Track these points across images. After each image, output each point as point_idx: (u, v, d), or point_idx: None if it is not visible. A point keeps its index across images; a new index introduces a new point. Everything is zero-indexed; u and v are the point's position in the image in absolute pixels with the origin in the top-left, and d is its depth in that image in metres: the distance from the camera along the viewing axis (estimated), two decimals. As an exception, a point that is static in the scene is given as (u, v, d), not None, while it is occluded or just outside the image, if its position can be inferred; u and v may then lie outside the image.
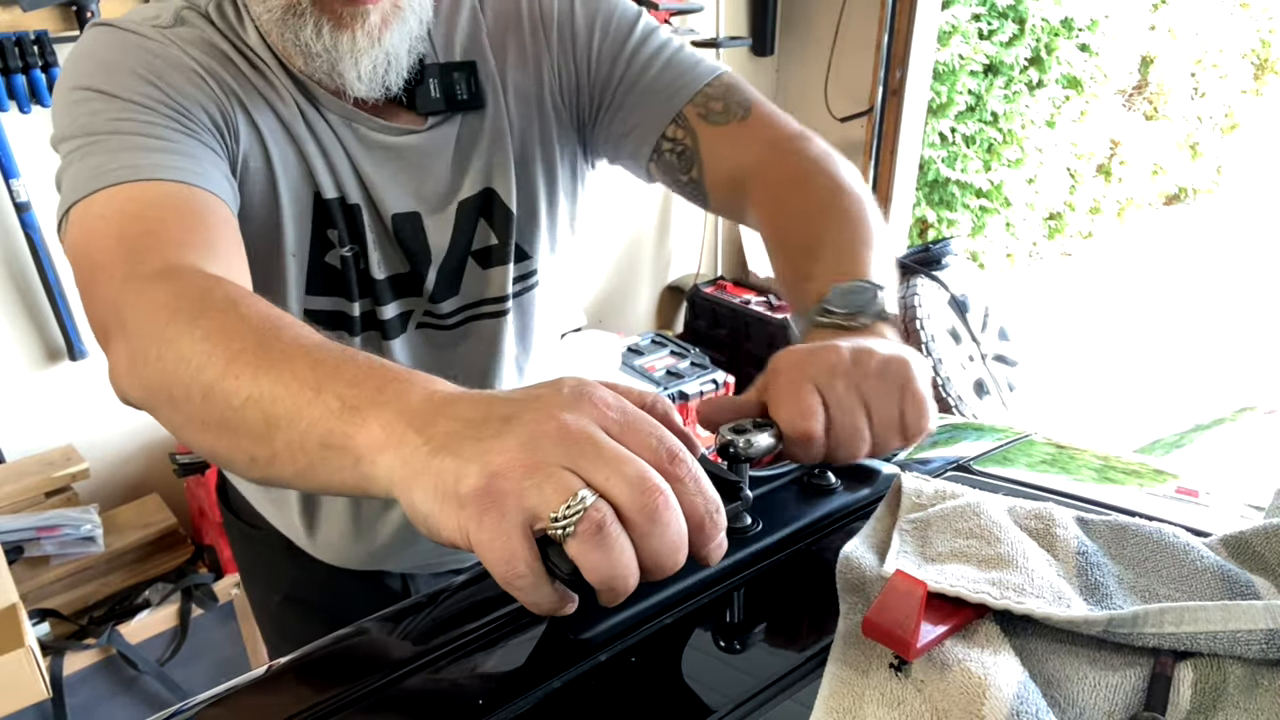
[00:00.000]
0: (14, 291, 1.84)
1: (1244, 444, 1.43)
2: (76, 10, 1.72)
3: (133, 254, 0.57)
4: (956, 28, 3.85)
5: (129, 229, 0.59)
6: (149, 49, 0.68)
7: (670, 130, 0.79)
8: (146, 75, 0.66)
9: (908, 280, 3.11)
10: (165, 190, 0.61)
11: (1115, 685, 0.41)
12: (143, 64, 0.66)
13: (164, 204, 0.61)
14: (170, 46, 0.69)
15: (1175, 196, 5.85)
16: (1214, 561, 0.47)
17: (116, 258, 0.57)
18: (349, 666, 0.51)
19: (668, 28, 0.83)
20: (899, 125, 2.94)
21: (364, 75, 0.71)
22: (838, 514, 0.58)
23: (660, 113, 0.80)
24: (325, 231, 0.77)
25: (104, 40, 0.68)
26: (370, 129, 0.77)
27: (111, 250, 0.58)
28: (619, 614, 0.48)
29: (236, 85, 0.71)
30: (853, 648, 0.44)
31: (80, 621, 1.76)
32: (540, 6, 0.82)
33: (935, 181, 4.13)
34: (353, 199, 0.77)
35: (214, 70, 0.70)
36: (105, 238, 0.59)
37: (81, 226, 0.61)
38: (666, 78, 0.80)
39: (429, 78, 0.77)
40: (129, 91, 0.65)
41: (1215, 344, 3.95)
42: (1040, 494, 0.59)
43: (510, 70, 0.81)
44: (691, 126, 0.79)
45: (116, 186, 0.61)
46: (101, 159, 0.62)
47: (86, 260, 0.60)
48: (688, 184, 0.81)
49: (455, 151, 0.80)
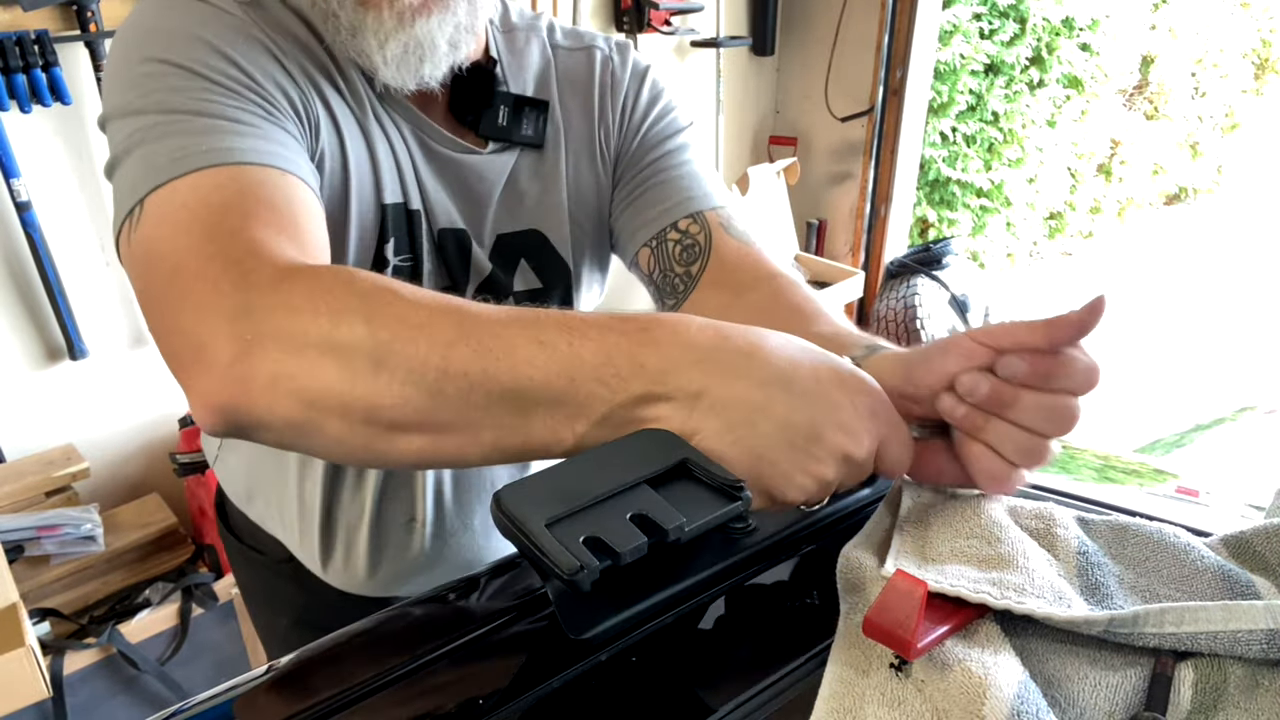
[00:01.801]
0: (14, 291, 1.84)
1: (1244, 444, 1.43)
2: (77, 10, 1.72)
3: (240, 248, 0.50)
4: (957, 27, 3.85)
5: (221, 224, 0.52)
6: (227, 23, 0.62)
7: (684, 223, 0.81)
8: (227, 52, 0.60)
9: (908, 280, 3.11)
10: (257, 177, 0.55)
11: (1116, 685, 0.41)
12: (223, 39, 0.61)
13: (255, 193, 0.54)
14: (250, 25, 0.64)
15: (1175, 196, 5.85)
16: (1214, 561, 0.47)
17: (216, 256, 0.50)
18: (349, 666, 0.51)
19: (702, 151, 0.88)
20: (899, 125, 2.94)
21: (390, 58, 0.67)
22: (837, 514, 0.58)
23: (681, 206, 0.81)
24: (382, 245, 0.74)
25: (177, 7, 0.62)
26: (433, 139, 0.76)
27: (208, 247, 0.51)
28: (619, 614, 0.48)
29: (316, 74, 0.68)
30: (853, 648, 0.44)
31: (80, 621, 1.76)
32: (612, 74, 0.85)
33: (936, 181, 4.13)
34: (414, 205, 0.75)
35: (294, 56, 0.66)
36: (194, 234, 0.52)
37: (160, 219, 0.53)
38: (691, 183, 0.82)
39: (500, 104, 0.77)
40: (208, 69, 0.59)
41: (1215, 344, 3.95)
42: (1040, 494, 0.59)
43: (575, 121, 0.83)
44: (710, 228, 0.80)
45: (201, 172, 0.54)
46: (181, 141, 0.55)
47: (166, 262, 0.52)
48: (679, 276, 0.81)
49: (508, 183, 0.80)
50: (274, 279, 0.48)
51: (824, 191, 3.21)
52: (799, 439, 0.44)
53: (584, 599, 0.48)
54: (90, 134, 1.84)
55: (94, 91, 1.80)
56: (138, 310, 2.01)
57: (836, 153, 3.11)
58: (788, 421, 0.44)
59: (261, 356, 0.46)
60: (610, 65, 0.85)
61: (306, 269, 0.50)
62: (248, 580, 1.07)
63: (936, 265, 3.14)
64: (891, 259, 3.19)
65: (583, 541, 0.47)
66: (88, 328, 1.92)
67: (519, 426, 0.45)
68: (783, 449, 0.44)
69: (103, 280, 1.95)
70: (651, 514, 0.50)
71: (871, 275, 3.20)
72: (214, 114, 0.57)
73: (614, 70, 0.85)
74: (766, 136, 3.24)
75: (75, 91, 1.77)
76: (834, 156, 3.13)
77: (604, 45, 0.86)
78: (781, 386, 0.44)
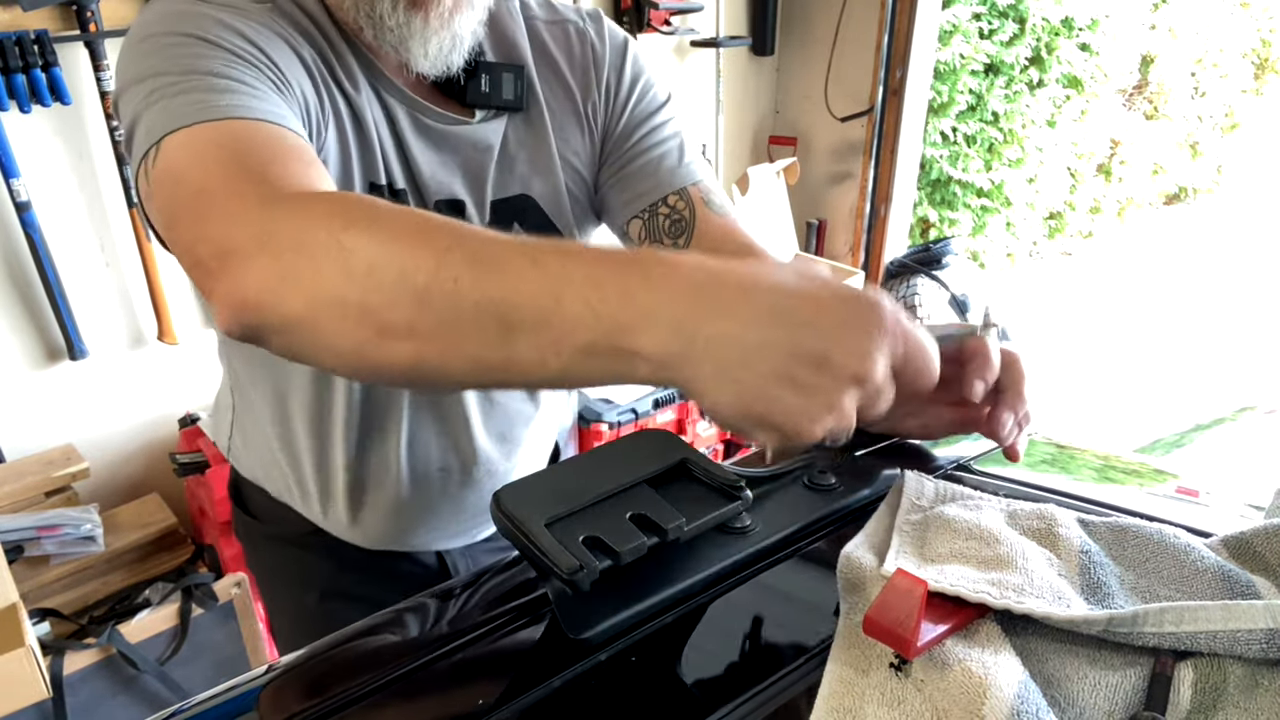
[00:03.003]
0: (14, 291, 1.84)
1: (1244, 444, 1.43)
2: (76, 10, 1.72)
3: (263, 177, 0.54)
4: (957, 27, 3.85)
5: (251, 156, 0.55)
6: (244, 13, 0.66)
7: (672, 199, 0.87)
8: (246, 32, 0.64)
9: (908, 279, 3.11)
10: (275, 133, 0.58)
11: (1115, 685, 0.41)
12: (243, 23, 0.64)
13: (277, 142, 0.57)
14: (266, 16, 0.67)
15: (1175, 196, 5.85)
16: (1214, 562, 0.47)
17: (242, 180, 0.53)
18: (349, 666, 0.51)
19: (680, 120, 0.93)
20: (899, 125, 2.94)
21: (430, 54, 0.74)
22: (838, 514, 0.58)
23: (667, 182, 0.87)
24: None
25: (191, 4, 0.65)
26: (425, 115, 0.79)
27: (233, 174, 0.54)
28: (619, 614, 0.48)
29: (322, 64, 0.72)
30: (853, 647, 0.44)
31: (80, 621, 1.76)
32: (594, 46, 0.87)
33: (937, 181, 4.13)
34: (399, 184, 0.79)
35: (302, 46, 0.70)
36: (221, 164, 0.55)
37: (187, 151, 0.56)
38: (677, 157, 0.88)
39: (481, 73, 0.80)
40: (228, 42, 0.62)
41: (1215, 344, 3.95)
42: (1040, 494, 0.59)
43: (558, 92, 0.86)
44: (693, 203, 0.86)
45: (222, 122, 0.57)
46: (203, 96, 0.58)
47: (193, 185, 0.54)
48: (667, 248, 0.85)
49: (501, 150, 0.83)
50: (295, 198, 0.52)
51: (824, 191, 3.21)
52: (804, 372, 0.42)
53: (584, 599, 0.48)
54: (90, 134, 1.84)
55: (94, 91, 1.80)
56: (138, 310, 2.01)
57: (836, 153, 3.11)
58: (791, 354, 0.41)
59: (277, 259, 0.49)
60: (588, 39, 0.87)
61: (325, 193, 0.53)
62: (271, 562, 1.06)
63: (936, 265, 3.14)
64: (891, 259, 3.19)
65: (582, 541, 0.47)
66: (87, 328, 1.92)
67: (502, 343, 0.45)
68: (787, 385, 0.42)
69: (103, 280, 1.95)
70: (651, 514, 0.50)
71: (871, 275, 3.20)
72: (233, 78, 0.60)
73: (593, 44, 0.87)
74: (766, 136, 3.23)
75: (75, 91, 1.77)
76: (834, 156, 3.13)
77: (578, 18, 0.88)
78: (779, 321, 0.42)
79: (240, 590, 1.83)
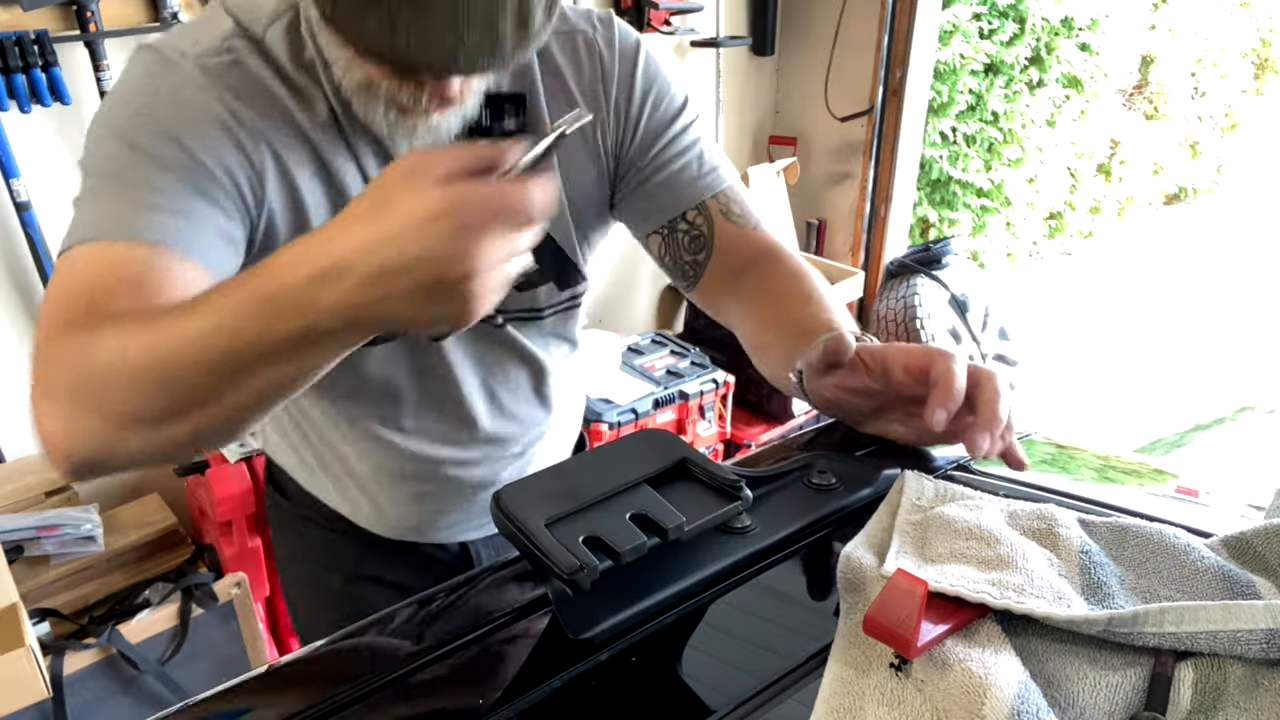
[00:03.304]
0: (14, 291, 1.84)
1: (1244, 444, 1.43)
2: (76, 10, 1.72)
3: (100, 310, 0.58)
4: (957, 27, 3.85)
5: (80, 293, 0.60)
6: (183, 97, 0.67)
7: (691, 215, 0.86)
8: (173, 131, 0.65)
9: (908, 280, 3.11)
10: (139, 255, 0.61)
11: (1116, 685, 0.41)
12: (172, 116, 0.66)
13: (126, 270, 0.61)
14: (209, 90, 0.68)
15: (1175, 196, 5.85)
16: (1215, 562, 0.47)
17: (57, 315, 0.59)
18: (348, 666, 0.51)
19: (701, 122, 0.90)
20: (899, 125, 2.94)
21: (414, 147, 0.74)
22: (838, 514, 0.58)
23: (686, 197, 0.86)
24: None
25: (148, 75, 0.68)
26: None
27: (58, 307, 0.60)
28: (619, 614, 0.48)
29: (273, 131, 0.71)
30: (853, 647, 0.44)
31: (80, 621, 1.76)
32: (603, 59, 0.84)
33: (937, 181, 4.13)
34: None
35: (249, 120, 0.69)
36: (63, 293, 0.61)
37: (57, 273, 0.63)
38: (696, 169, 0.86)
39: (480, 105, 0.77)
40: (152, 145, 0.65)
41: (1215, 344, 3.95)
42: (1040, 494, 0.59)
43: (563, 109, 0.83)
44: (711, 217, 0.85)
45: (96, 243, 0.62)
46: (100, 209, 0.63)
47: (43, 309, 0.61)
48: (689, 264, 0.87)
49: None
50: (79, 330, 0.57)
51: (824, 191, 3.21)
52: (429, 298, 0.48)
53: (584, 599, 0.48)
54: (90, 134, 1.84)
55: (94, 92, 1.80)
56: (138, 310, 2.01)
57: (836, 153, 3.11)
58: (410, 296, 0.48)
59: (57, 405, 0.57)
60: (597, 51, 0.84)
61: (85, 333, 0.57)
62: (299, 543, 1.08)
63: (936, 265, 3.14)
64: (891, 259, 3.19)
65: (583, 541, 0.47)
66: (88, 328, 1.92)
67: (245, 382, 0.52)
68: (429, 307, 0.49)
69: (103, 280, 1.95)
70: (651, 514, 0.50)
71: (871, 275, 3.20)
72: (134, 184, 0.64)
73: (602, 57, 0.84)
74: (766, 136, 3.24)
75: (75, 91, 1.77)
76: (834, 156, 3.13)
77: (588, 26, 0.84)
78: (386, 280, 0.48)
79: (240, 590, 1.83)
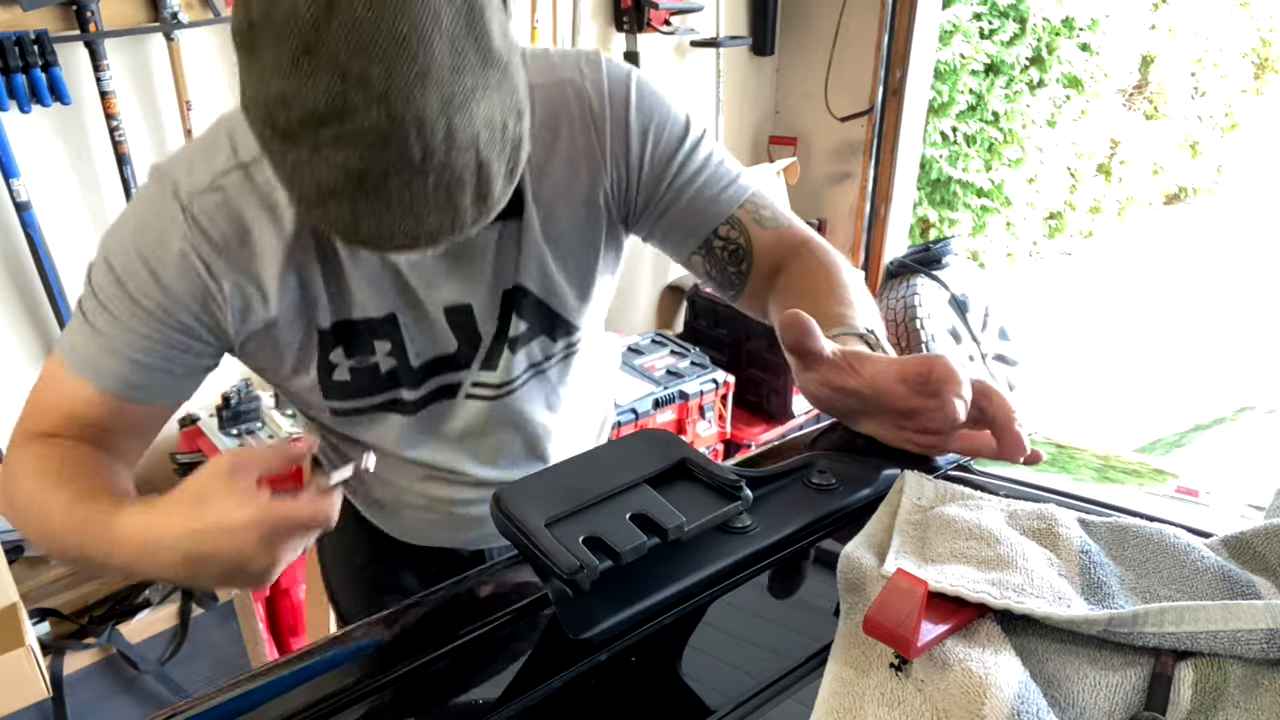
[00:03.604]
0: (14, 291, 1.84)
1: (1244, 444, 1.43)
2: (76, 10, 1.72)
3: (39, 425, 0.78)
4: (958, 27, 3.85)
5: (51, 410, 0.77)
6: (167, 244, 0.74)
7: (723, 230, 0.86)
8: (155, 272, 0.74)
9: (908, 280, 3.11)
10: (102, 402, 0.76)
11: (1116, 685, 0.41)
12: (156, 258, 0.74)
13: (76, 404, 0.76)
14: (188, 239, 0.74)
15: (1175, 196, 5.85)
16: (1215, 562, 0.47)
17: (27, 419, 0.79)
18: (348, 666, 0.51)
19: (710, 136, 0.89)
20: (899, 125, 2.94)
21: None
22: (838, 514, 0.58)
23: (714, 215, 0.86)
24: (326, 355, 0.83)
25: (148, 207, 0.76)
26: None
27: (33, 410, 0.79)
28: (619, 614, 0.48)
29: (253, 266, 0.76)
30: (853, 647, 0.44)
31: (80, 621, 1.76)
32: (593, 108, 0.82)
33: (937, 181, 4.13)
34: (357, 315, 0.81)
35: (224, 270, 0.75)
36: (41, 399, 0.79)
37: (44, 373, 0.79)
38: (716, 185, 0.86)
39: None
40: (136, 286, 0.74)
41: (1215, 344, 3.95)
42: (1040, 494, 0.59)
43: (555, 164, 0.82)
44: (745, 228, 0.86)
45: (76, 377, 0.76)
46: (88, 344, 0.76)
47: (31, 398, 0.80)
48: (734, 275, 0.88)
49: (497, 248, 0.83)
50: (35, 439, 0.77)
51: (824, 191, 3.21)
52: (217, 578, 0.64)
53: (584, 599, 0.48)
54: (90, 134, 1.84)
55: (94, 91, 1.80)
56: (138, 310, 2.01)
57: (836, 153, 3.12)
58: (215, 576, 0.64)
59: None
60: (586, 99, 0.82)
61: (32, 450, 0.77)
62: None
63: (936, 265, 3.14)
64: (891, 259, 3.19)
65: (583, 541, 0.47)
66: (88, 328, 1.92)
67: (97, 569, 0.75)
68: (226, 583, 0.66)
69: (103, 280, 1.95)
70: (651, 514, 0.50)
71: (871, 275, 3.20)
72: (113, 317, 0.75)
73: (591, 105, 0.82)
74: (766, 136, 3.24)
75: (75, 91, 1.77)
76: (834, 156, 3.13)
77: (575, 73, 0.82)
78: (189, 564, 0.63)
79: (240, 590, 1.83)
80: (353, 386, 0.85)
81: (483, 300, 0.85)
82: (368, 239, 0.59)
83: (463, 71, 0.54)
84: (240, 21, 0.55)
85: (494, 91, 0.56)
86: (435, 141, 0.54)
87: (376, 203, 0.56)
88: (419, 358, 0.85)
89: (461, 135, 0.55)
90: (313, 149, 0.54)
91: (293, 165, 0.56)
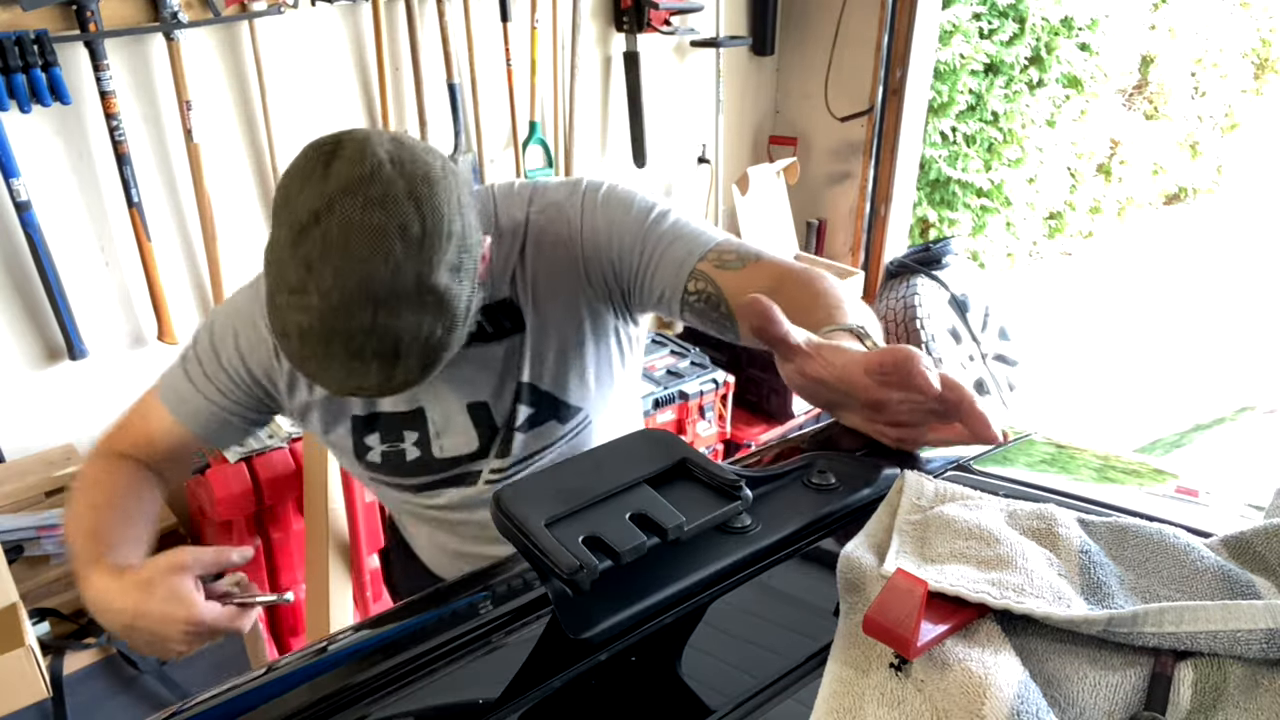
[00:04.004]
0: (14, 291, 1.84)
1: (1244, 444, 1.43)
2: (76, 10, 1.72)
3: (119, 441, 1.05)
4: (957, 27, 3.85)
5: (134, 429, 1.05)
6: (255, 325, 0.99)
7: (691, 284, 0.93)
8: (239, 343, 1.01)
9: (908, 280, 3.11)
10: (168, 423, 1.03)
11: (1115, 685, 0.41)
12: (244, 333, 1.00)
13: (155, 430, 1.03)
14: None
15: (1175, 196, 5.85)
16: (1214, 562, 0.47)
17: (114, 432, 1.06)
18: (347, 666, 0.51)
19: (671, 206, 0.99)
20: (899, 125, 2.94)
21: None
22: (837, 514, 0.58)
23: (679, 275, 0.93)
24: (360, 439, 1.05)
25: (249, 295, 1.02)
26: None
27: (121, 426, 1.06)
28: (619, 614, 0.48)
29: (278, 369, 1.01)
30: (853, 647, 0.44)
31: (80, 621, 1.76)
32: (569, 227, 0.97)
33: (937, 181, 4.13)
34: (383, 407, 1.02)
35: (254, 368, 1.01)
36: (130, 418, 1.06)
37: (140, 400, 1.06)
38: (679, 248, 0.94)
39: (477, 320, 0.88)
40: (223, 348, 1.01)
41: (1215, 344, 3.95)
42: (1040, 494, 0.59)
43: (543, 281, 0.97)
44: (710, 277, 0.92)
45: (164, 405, 1.03)
46: (181, 382, 1.02)
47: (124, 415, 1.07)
48: (719, 319, 0.93)
49: (505, 355, 0.99)
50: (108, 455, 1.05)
51: (824, 191, 3.21)
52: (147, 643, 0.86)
53: (584, 599, 0.48)
54: (90, 134, 1.84)
55: (94, 91, 1.80)
56: (138, 310, 2.01)
57: (836, 152, 3.11)
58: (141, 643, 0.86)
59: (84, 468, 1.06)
60: (564, 215, 0.97)
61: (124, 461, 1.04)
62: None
63: (936, 265, 3.14)
64: (891, 259, 3.19)
65: (582, 541, 0.47)
66: (87, 328, 1.92)
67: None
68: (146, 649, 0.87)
69: (102, 280, 1.95)
70: (651, 514, 0.50)
71: (871, 275, 3.20)
72: (203, 379, 1.02)
73: (569, 220, 0.97)
74: (766, 136, 3.24)
75: (75, 91, 1.77)
76: (834, 156, 3.13)
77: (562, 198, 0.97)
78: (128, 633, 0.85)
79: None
80: (384, 467, 1.05)
81: (496, 397, 1.00)
82: (313, 377, 0.78)
83: (396, 290, 0.73)
84: (277, 197, 0.77)
85: (421, 311, 0.74)
86: (362, 331, 0.73)
87: (322, 356, 0.75)
88: (443, 451, 1.03)
89: (384, 331, 0.73)
90: (285, 303, 0.74)
91: (272, 307, 0.76)
